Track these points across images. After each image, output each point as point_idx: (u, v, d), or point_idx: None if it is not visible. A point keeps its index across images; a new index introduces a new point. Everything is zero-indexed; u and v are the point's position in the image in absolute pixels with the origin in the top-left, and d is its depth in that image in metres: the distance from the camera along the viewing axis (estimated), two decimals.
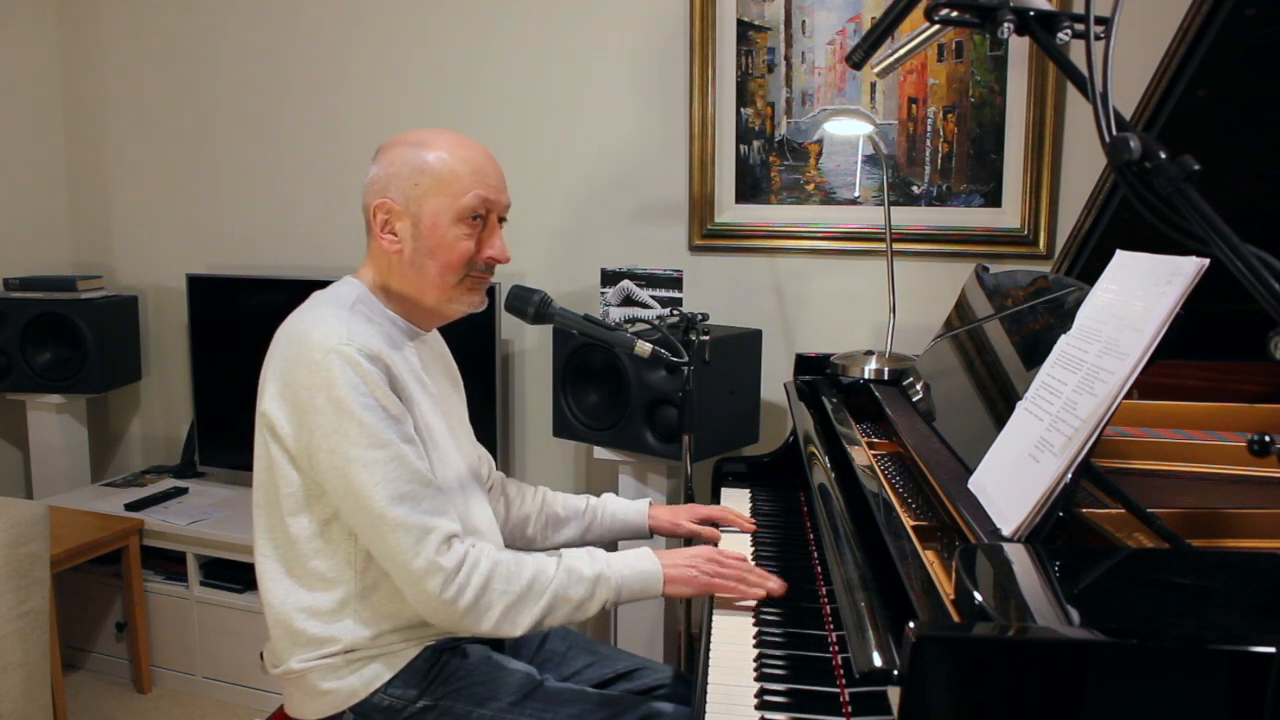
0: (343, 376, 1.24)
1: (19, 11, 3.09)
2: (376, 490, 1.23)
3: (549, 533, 1.69)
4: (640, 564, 1.35)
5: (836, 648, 1.21)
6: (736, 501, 1.81)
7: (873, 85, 2.42)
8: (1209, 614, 0.81)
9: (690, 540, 1.61)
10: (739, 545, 1.58)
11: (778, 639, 1.25)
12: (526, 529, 1.69)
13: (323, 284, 1.42)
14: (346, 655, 1.32)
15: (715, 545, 1.55)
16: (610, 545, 1.50)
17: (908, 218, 2.40)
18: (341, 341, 1.25)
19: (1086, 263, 1.58)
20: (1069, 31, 0.92)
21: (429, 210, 1.34)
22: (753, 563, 1.49)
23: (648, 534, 1.68)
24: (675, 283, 2.34)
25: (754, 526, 1.64)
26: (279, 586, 1.34)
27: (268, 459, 1.33)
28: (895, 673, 0.86)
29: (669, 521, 1.65)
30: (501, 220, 1.42)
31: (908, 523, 1.13)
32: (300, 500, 1.31)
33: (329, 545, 1.32)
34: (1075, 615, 0.80)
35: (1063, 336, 1.09)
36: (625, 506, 1.69)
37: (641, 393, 2.18)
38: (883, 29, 1.04)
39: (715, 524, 1.64)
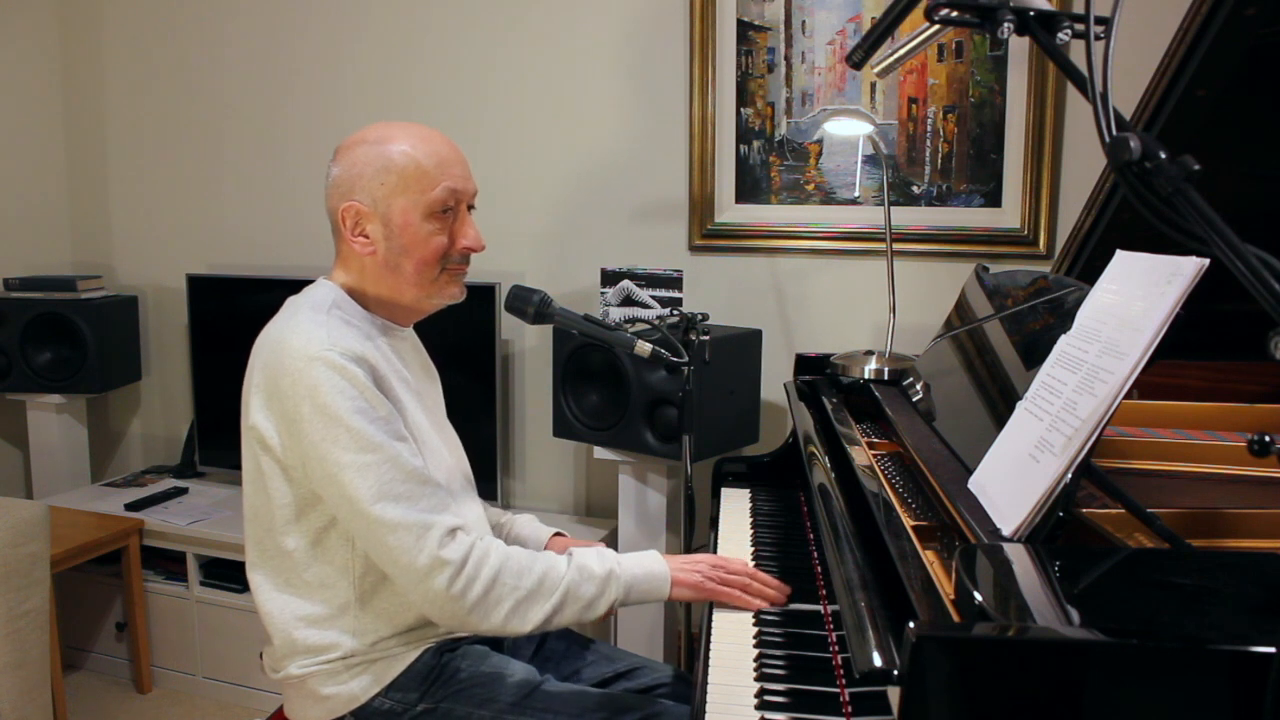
0: (327, 382, 1.22)
1: (19, 12, 3.09)
2: (371, 494, 1.22)
3: None
4: (649, 565, 1.34)
5: (836, 648, 1.21)
6: (736, 501, 1.81)
7: (873, 85, 2.42)
8: (1209, 614, 0.81)
9: (692, 530, 1.62)
10: (739, 545, 1.58)
11: (778, 639, 1.25)
12: None
13: None
14: (346, 661, 1.32)
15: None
16: None
17: (908, 218, 2.40)
18: (323, 347, 1.23)
19: (1086, 263, 1.58)
20: (1069, 31, 0.92)
21: (398, 209, 1.32)
22: (753, 564, 1.49)
23: None
24: (675, 283, 2.34)
25: None
26: (274, 598, 1.34)
27: (258, 472, 1.31)
28: (895, 673, 0.86)
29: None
30: (470, 208, 1.40)
31: (908, 523, 1.13)
32: (293, 513, 1.30)
33: (324, 555, 1.31)
34: (1075, 615, 0.80)
35: (1063, 336, 1.09)
36: (530, 533, 1.60)
37: (641, 393, 2.17)
38: (883, 29, 1.04)
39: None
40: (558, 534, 1.61)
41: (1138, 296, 0.97)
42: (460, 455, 1.52)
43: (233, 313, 2.90)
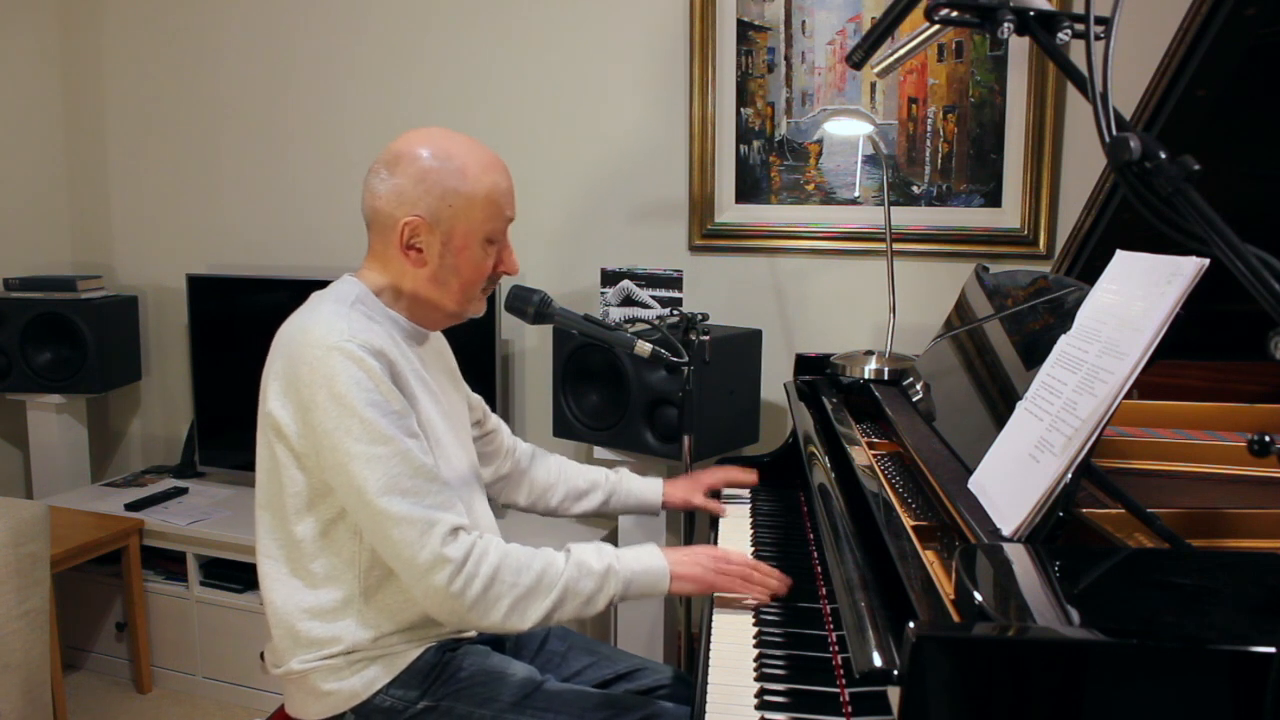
0: (344, 372, 1.24)
1: (19, 12, 3.09)
2: (378, 486, 1.23)
3: (570, 502, 1.74)
4: (647, 560, 1.34)
5: (836, 648, 1.21)
6: (736, 502, 1.81)
7: (873, 85, 2.42)
8: (1209, 614, 0.81)
9: (692, 527, 1.64)
10: (739, 545, 1.58)
11: (778, 639, 1.25)
12: (550, 497, 1.74)
13: (324, 284, 1.41)
14: (348, 656, 1.32)
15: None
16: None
17: (908, 218, 2.40)
18: (342, 338, 1.25)
19: (1086, 263, 1.58)
20: (1069, 31, 0.92)
21: (460, 231, 1.35)
22: None
23: (658, 511, 1.76)
24: (675, 283, 2.34)
25: (755, 480, 1.79)
26: (281, 587, 1.34)
27: (272, 460, 1.33)
28: (895, 673, 0.86)
29: (681, 499, 1.74)
30: None
31: (908, 523, 1.13)
32: (304, 501, 1.31)
33: (332, 546, 1.32)
34: (1075, 615, 0.80)
35: (1063, 336, 1.09)
36: (642, 485, 1.75)
37: (641, 393, 2.18)
38: (883, 29, 1.04)
39: (718, 493, 1.76)
40: (665, 481, 1.75)
41: (1138, 296, 0.97)
42: (473, 456, 1.53)
43: (233, 313, 2.90)
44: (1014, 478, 1.03)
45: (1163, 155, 0.74)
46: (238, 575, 2.62)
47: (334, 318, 1.28)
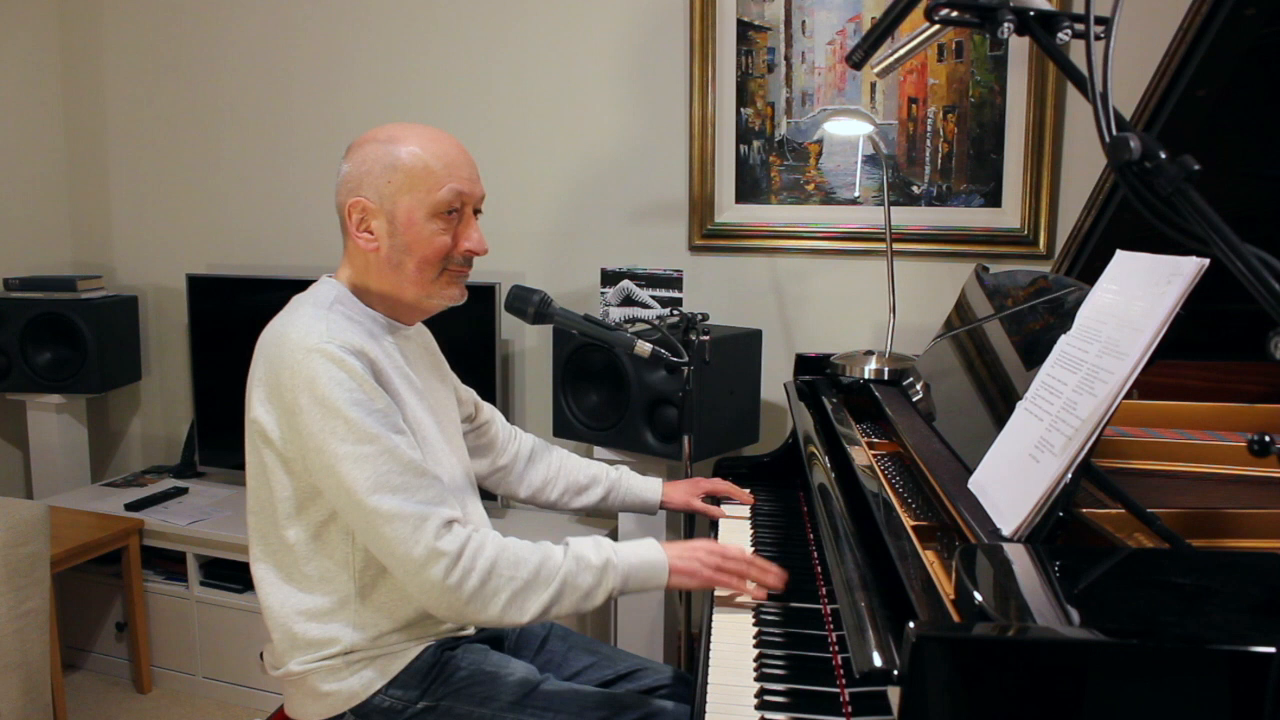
0: (325, 374, 1.23)
1: (19, 12, 3.09)
2: (367, 484, 1.22)
3: (570, 497, 1.75)
4: (646, 554, 1.34)
5: (836, 648, 1.21)
6: (736, 503, 1.81)
7: (873, 85, 2.42)
8: (1209, 614, 0.81)
9: (692, 528, 1.63)
10: (739, 543, 1.58)
11: (778, 639, 1.25)
12: (550, 491, 1.74)
13: None
14: (346, 657, 1.32)
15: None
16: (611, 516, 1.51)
17: (908, 218, 2.40)
18: (322, 340, 1.25)
19: (1086, 263, 1.58)
20: (1069, 31, 0.92)
21: (403, 207, 1.33)
22: None
23: (655, 511, 1.76)
24: (675, 283, 2.34)
25: (752, 500, 1.77)
26: (276, 591, 1.34)
27: (260, 465, 1.32)
28: (895, 673, 0.86)
29: (681, 500, 1.74)
30: (477, 212, 1.41)
31: (908, 523, 1.13)
32: (294, 505, 1.31)
33: (325, 548, 1.32)
34: (1075, 615, 0.80)
35: (1063, 336, 1.09)
36: (642, 484, 1.76)
37: (641, 393, 2.17)
38: (883, 29, 1.04)
39: (717, 499, 1.75)
40: (664, 483, 1.75)
41: (1138, 296, 0.97)
42: (464, 456, 1.53)
43: (233, 313, 2.90)
44: (1014, 478, 1.03)
45: (1163, 155, 0.74)
46: (237, 575, 2.62)
47: (313, 320, 1.28)
